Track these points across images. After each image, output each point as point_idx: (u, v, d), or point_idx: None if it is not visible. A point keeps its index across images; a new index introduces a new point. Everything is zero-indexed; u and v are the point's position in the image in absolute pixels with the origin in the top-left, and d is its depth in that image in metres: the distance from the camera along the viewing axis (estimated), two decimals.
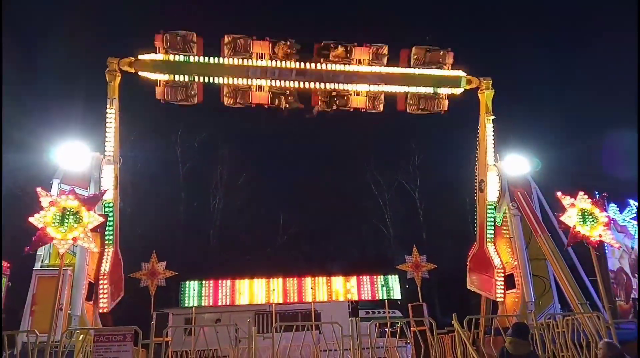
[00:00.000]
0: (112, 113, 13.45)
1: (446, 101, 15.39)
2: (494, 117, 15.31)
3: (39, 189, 9.72)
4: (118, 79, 13.60)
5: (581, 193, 11.59)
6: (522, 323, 6.40)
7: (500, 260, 15.12)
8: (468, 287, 16.26)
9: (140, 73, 13.76)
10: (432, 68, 14.99)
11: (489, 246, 15.38)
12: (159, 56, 13.76)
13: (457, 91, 15.26)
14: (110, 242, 13.43)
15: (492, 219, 15.43)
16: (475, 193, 16.23)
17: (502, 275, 14.92)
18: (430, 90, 15.03)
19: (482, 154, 15.52)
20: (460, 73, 15.22)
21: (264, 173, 36.73)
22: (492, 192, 15.28)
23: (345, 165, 37.65)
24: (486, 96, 15.41)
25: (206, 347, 11.03)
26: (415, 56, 14.85)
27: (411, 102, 15.23)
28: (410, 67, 14.92)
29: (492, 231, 15.46)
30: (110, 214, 13.23)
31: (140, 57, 13.66)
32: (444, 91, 15.19)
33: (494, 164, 15.32)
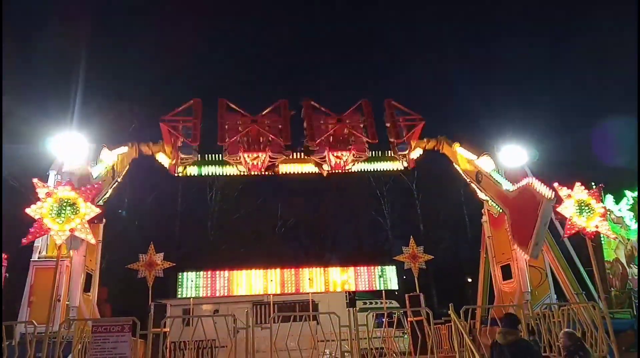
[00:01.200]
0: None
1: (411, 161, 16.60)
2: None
3: (35, 180, 9.70)
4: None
5: (578, 184, 11.63)
6: (511, 314, 6.48)
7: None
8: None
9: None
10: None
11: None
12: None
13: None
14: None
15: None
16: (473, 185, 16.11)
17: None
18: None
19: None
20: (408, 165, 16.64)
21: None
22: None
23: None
24: (456, 152, 15.89)
25: (204, 337, 11.08)
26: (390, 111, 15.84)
27: None
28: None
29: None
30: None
31: (157, 157, 15.50)
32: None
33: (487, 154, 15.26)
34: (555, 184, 11.74)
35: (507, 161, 15.33)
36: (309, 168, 16.22)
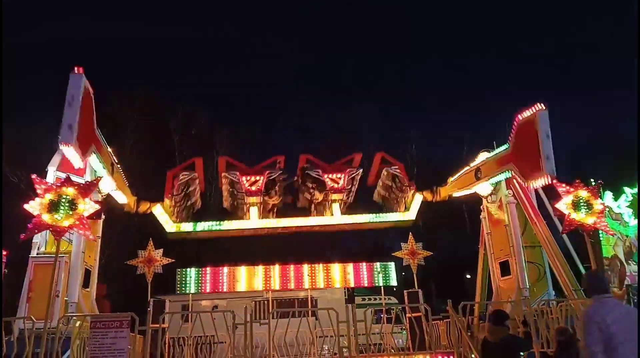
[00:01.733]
0: None
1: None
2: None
3: (34, 176, 9.69)
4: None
5: (577, 180, 11.63)
6: (499, 310, 6.53)
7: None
8: None
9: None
10: (396, 195, 16.99)
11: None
12: (172, 227, 15.36)
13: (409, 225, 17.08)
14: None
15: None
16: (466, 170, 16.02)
17: None
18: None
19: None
20: (412, 216, 16.51)
21: (260, 157, 36.63)
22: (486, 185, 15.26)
23: (342, 150, 37.66)
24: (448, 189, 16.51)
25: (203, 333, 11.10)
26: (385, 176, 16.94)
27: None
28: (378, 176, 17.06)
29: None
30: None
31: (155, 213, 15.15)
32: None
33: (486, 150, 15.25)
34: (554, 181, 11.74)
35: None
36: (310, 220, 16.49)
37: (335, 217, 16.01)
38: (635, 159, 20.31)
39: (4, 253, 14.03)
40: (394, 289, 24.29)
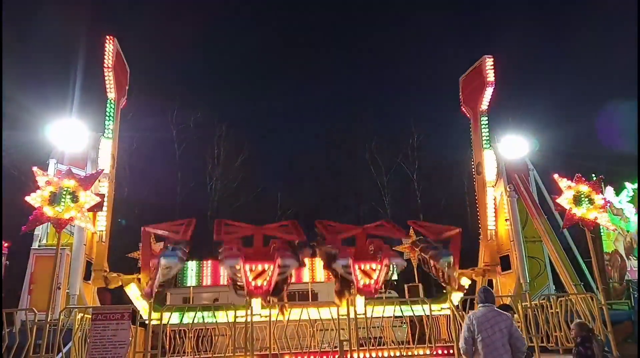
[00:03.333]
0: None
1: None
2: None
3: (35, 169, 9.69)
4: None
5: (578, 175, 11.60)
6: (505, 305, 6.65)
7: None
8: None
9: None
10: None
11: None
12: (155, 321, 10.71)
13: None
14: None
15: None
16: (474, 176, 16.25)
17: None
18: None
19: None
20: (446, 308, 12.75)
21: (261, 153, 36.70)
22: (489, 174, 15.30)
23: (343, 145, 37.68)
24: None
25: (204, 326, 11.13)
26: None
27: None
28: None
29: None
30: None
31: (129, 293, 12.41)
32: None
33: (490, 147, 15.33)
34: (555, 176, 11.72)
35: (507, 151, 15.34)
36: (326, 311, 11.36)
37: (358, 307, 11.28)
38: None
39: (6, 244, 14.07)
40: (395, 283, 24.30)
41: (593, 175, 12.99)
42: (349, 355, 10.31)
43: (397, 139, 36.25)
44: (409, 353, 10.59)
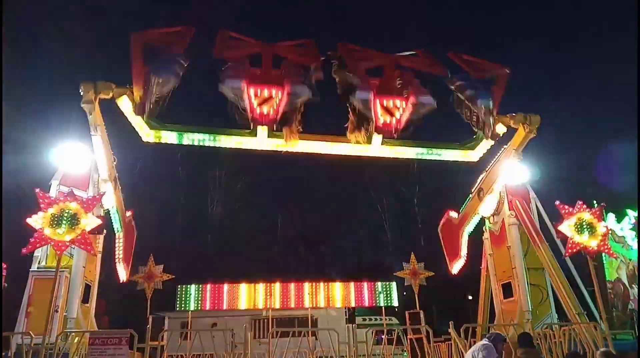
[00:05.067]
0: (98, 139, 11.05)
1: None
2: (521, 159, 13.06)
3: (37, 190, 9.72)
4: (97, 108, 10.48)
5: (579, 202, 11.59)
6: (526, 333, 6.62)
7: (467, 251, 16.09)
8: (438, 231, 17.30)
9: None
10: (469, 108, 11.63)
11: (464, 236, 15.97)
12: (149, 136, 10.93)
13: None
14: (120, 230, 14.11)
15: (474, 225, 15.76)
16: (472, 191, 15.95)
17: (463, 261, 16.10)
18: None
19: (492, 173, 14.34)
20: (474, 157, 12.41)
21: (263, 177, 36.79)
22: (488, 206, 15.21)
23: (344, 169, 37.81)
24: (525, 136, 12.06)
25: (202, 351, 10.99)
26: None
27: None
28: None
29: (470, 231, 16.05)
30: (117, 214, 13.50)
31: (122, 107, 10.64)
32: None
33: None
34: (557, 203, 11.70)
35: (508, 178, 15.33)
36: (338, 147, 11.29)
37: (373, 146, 11.11)
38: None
39: (5, 265, 14.00)
40: (396, 309, 24.08)
41: (595, 202, 12.96)
42: None
43: (397, 163, 36.35)
44: None
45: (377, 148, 11.04)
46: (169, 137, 10.81)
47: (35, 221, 9.21)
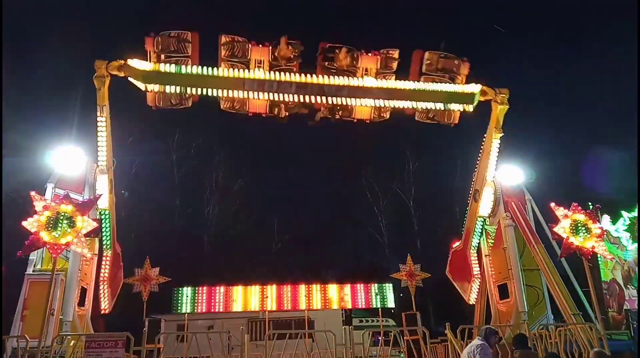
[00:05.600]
0: (103, 121, 12.48)
1: (457, 114, 14.19)
2: (502, 134, 14.17)
3: (33, 193, 9.69)
4: (107, 84, 12.15)
5: (575, 204, 11.66)
6: (521, 335, 6.69)
7: (479, 268, 15.85)
8: (447, 274, 17.17)
9: (130, 79, 12.30)
10: (444, 77, 13.67)
11: (472, 252, 15.88)
12: (149, 65, 12.26)
13: (470, 107, 13.80)
14: (108, 246, 13.86)
15: (480, 230, 15.60)
16: (468, 200, 16.23)
17: (478, 282, 15.89)
18: (440, 106, 13.59)
19: (482, 167, 15.16)
20: (474, 88, 13.63)
21: (259, 179, 36.79)
22: (486, 203, 15.30)
23: (340, 172, 37.84)
24: (499, 110, 13.87)
25: (198, 354, 10.97)
26: (428, 61, 13.56)
27: (420, 110, 14.03)
28: (421, 74, 13.64)
29: (477, 241, 15.85)
30: (107, 220, 13.36)
31: (130, 62, 12.14)
32: (455, 106, 13.77)
33: (492, 180, 15.27)
34: (552, 204, 11.76)
35: (504, 180, 15.40)
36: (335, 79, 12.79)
37: (368, 80, 12.86)
38: (633, 183, 20.37)
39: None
40: (392, 311, 24.09)
41: (590, 204, 13.04)
42: None
43: (393, 164, 36.49)
44: None
45: (372, 81, 12.92)
46: (170, 69, 12.15)
47: (31, 224, 9.17)
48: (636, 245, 17.72)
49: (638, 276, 17.21)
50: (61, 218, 9.31)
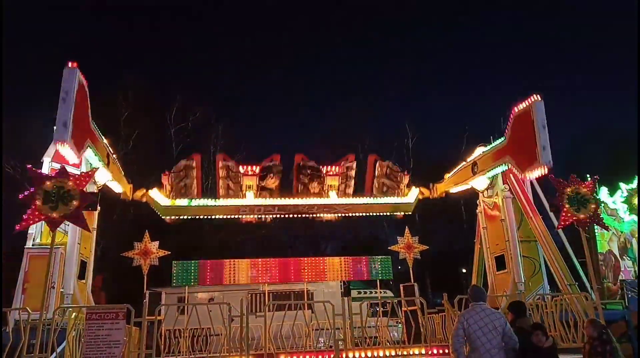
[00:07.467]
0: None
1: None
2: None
3: (29, 167, 9.61)
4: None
5: (572, 175, 11.65)
6: (518, 301, 6.80)
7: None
8: None
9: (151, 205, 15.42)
10: (392, 184, 16.59)
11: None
12: (167, 201, 15.14)
13: (410, 211, 16.93)
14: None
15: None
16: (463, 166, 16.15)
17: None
18: (387, 213, 17.57)
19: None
20: (412, 197, 16.57)
21: (257, 153, 36.68)
22: (482, 179, 15.29)
23: (339, 144, 37.68)
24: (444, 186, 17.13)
25: (199, 325, 11.11)
26: (379, 168, 16.59)
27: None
28: (374, 177, 16.56)
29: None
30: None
31: (151, 193, 15.22)
32: (399, 213, 17.13)
33: (482, 144, 15.30)
34: (551, 176, 11.76)
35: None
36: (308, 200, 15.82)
37: (332, 198, 15.93)
38: (631, 154, 20.35)
39: None
40: (390, 282, 24.37)
41: (588, 176, 13.03)
42: (344, 355, 10.30)
43: (392, 136, 36.39)
44: (404, 353, 10.59)
45: (335, 199, 16.02)
46: (182, 202, 15.27)
47: (28, 198, 9.14)
48: (633, 216, 17.80)
49: (638, 250, 17.33)
50: (59, 191, 9.28)
